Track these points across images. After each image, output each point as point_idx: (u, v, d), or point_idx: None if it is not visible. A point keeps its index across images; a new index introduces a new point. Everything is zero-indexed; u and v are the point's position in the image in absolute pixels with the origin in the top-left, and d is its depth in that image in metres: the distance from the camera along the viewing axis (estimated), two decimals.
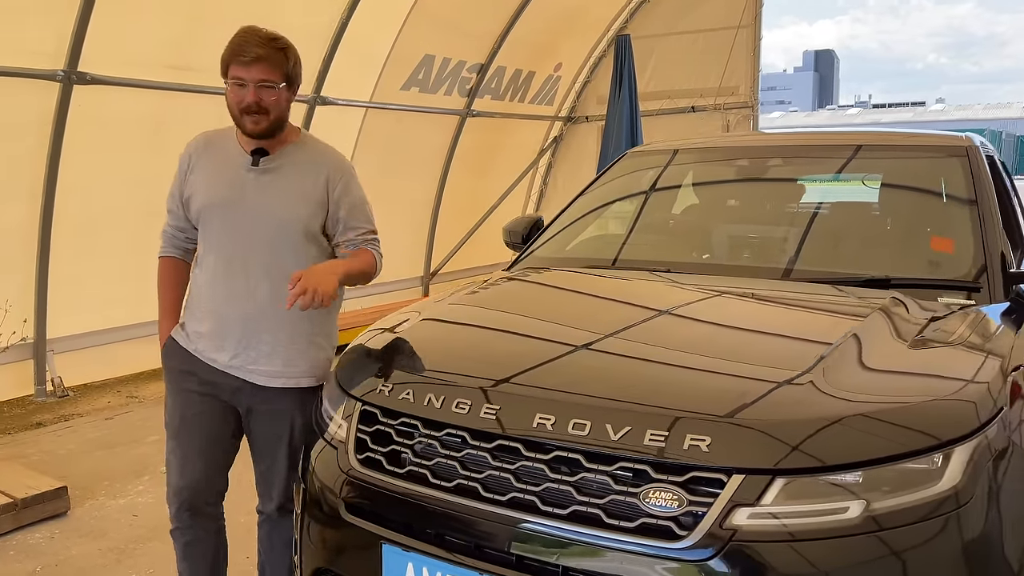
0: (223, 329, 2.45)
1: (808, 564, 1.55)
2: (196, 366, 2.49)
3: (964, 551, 1.59)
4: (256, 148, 2.43)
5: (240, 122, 2.40)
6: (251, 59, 2.32)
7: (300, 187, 2.45)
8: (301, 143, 2.53)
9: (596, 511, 1.68)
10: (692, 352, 2.07)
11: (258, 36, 2.35)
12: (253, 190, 2.43)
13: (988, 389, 1.82)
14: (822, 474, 1.61)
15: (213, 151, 2.51)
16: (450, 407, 1.92)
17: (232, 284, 2.43)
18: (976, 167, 2.82)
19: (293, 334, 2.46)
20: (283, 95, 2.40)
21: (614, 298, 2.65)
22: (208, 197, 2.46)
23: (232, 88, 2.36)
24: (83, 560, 3.42)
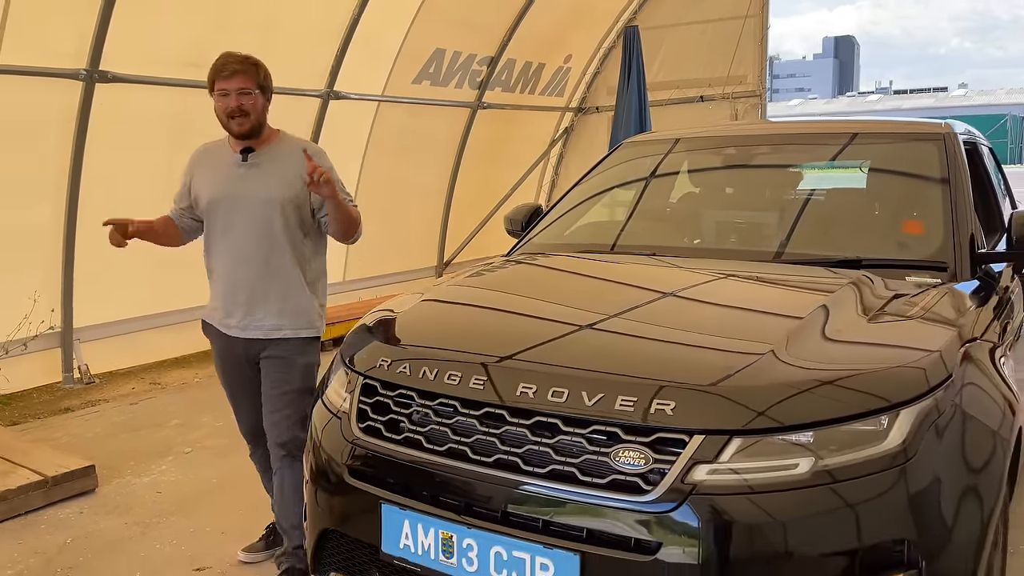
0: (233, 295, 2.98)
1: (761, 513, 1.71)
2: (222, 340, 3.07)
3: (904, 504, 1.75)
4: (244, 148, 2.97)
5: (228, 126, 2.94)
6: (230, 73, 2.87)
7: (282, 171, 2.97)
8: (280, 140, 3.06)
9: (572, 469, 1.85)
10: (667, 327, 2.24)
11: (234, 56, 2.91)
12: (247, 181, 2.96)
13: (938, 358, 1.97)
14: (775, 434, 1.77)
15: (210, 157, 3.07)
16: (443, 379, 2.10)
17: (237, 257, 2.97)
18: (951, 153, 2.95)
19: (285, 295, 2.98)
20: (259, 100, 2.93)
21: (601, 280, 2.82)
22: (211, 191, 3.00)
23: (218, 99, 2.90)
24: (110, 533, 3.64)
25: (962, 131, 3.27)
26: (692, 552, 1.71)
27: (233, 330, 3.00)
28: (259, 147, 2.99)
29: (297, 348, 3.02)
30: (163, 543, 3.53)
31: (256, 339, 2.99)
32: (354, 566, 2.22)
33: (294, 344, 3.01)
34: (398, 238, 8.55)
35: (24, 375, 5.73)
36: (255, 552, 3.35)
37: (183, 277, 6.51)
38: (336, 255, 7.84)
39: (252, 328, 2.98)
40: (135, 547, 3.50)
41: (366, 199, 7.84)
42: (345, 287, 7.80)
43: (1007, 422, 2.07)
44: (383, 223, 8.15)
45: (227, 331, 3.02)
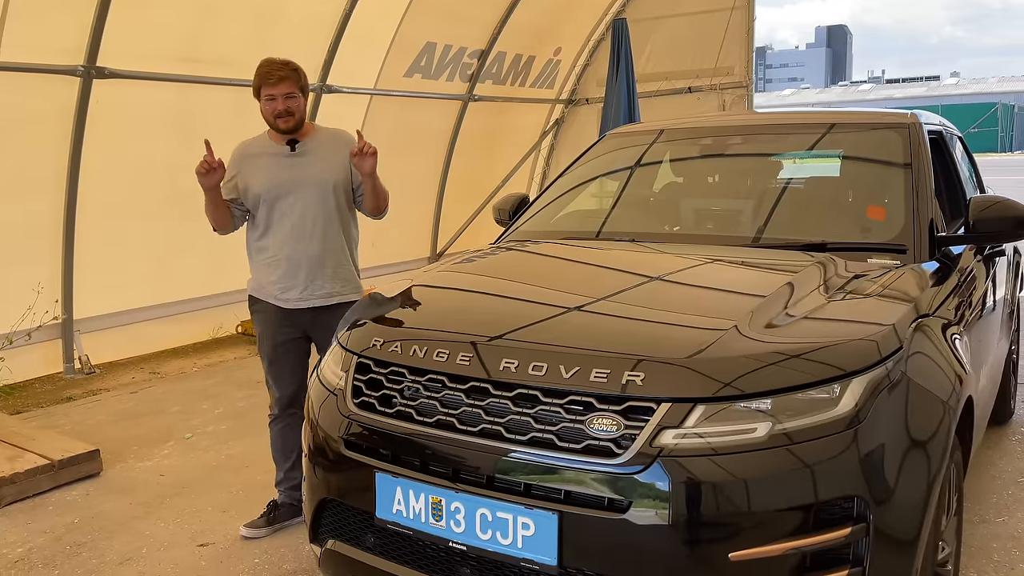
0: (294, 271, 3.38)
1: (721, 473, 1.87)
2: (278, 313, 3.43)
3: (854, 464, 1.91)
4: (290, 140, 3.38)
5: (275, 125, 3.34)
6: (277, 80, 3.28)
7: (329, 158, 3.42)
8: (317, 131, 3.50)
9: (550, 437, 2.01)
10: (642, 307, 2.41)
11: (277, 63, 3.31)
12: (299, 168, 3.38)
13: (889, 331, 2.13)
14: (735, 401, 1.93)
15: (252, 152, 3.43)
16: (432, 356, 2.25)
17: (298, 235, 3.37)
18: (915, 142, 3.11)
19: (337, 265, 3.46)
20: (301, 101, 3.37)
21: (581, 265, 2.98)
22: (265, 180, 3.36)
23: (266, 103, 3.30)
24: (116, 513, 3.79)
25: (928, 121, 3.43)
26: (659, 509, 1.87)
27: (292, 302, 3.39)
28: (301, 138, 3.40)
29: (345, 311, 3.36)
30: (167, 522, 3.69)
31: (313, 308, 3.39)
32: (350, 532, 2.37)
33: (346, 308, 3.31)
34: (391, 229, 8.65)
35: (26, 365, 5.87)
36: (257, 528, 3.50)
37: (181, 270, 6.68)
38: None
39: (312, 298, 3.39)
40: (140, 525, 3.66)
41: None
42: None
43: (954, 392, 2.23)
44: None
45: (285, 304, 3.40)
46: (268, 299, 3.43)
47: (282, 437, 3.57)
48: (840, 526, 1.89)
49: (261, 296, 3.46)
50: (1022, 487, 3.78)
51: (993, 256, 3.54)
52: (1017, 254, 4.48)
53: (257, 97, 3.31)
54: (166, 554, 3.38)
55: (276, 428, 3.57)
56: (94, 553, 3.40)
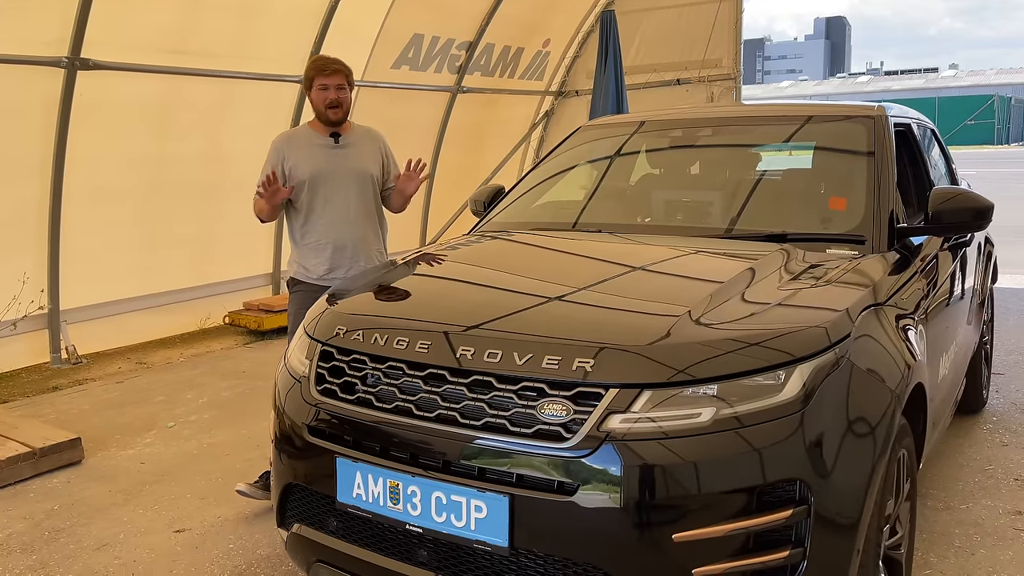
0: (341, 253, 3.68)
1: (666, 456, 1.92)
2: (317, 289, 3.54)
3: (797, 448, 1.95)
4: (333, 132, 3.69)
5: (324, 114, 3.66)
6: (331, 72, 3.65)
7: (368, 152, 3.80)
8: (355, 126, 3.85)
9: (503, 421, 2.06)
10: (600, 295, 2.46)
11: (331, 59, 3.72)
12: (342, 158, 3.69)
13: (836, 319, 2.17)
14: (681, 387, 1.98)
15: (298, 141, 3.70)
16: (392, 344, 2.30)
17: (343, 219, 3.68)
18: (879, 135, 3.15)
19: (378, 246, 3.83)
20: (349, 95, 3.74)
21: (546, 254, 3.03)
22: (313, 168, 3.63)
23: (319, 91, 3.63)
24: (95, 500, 3.84)
25: (896, 114, 3.47)
26: (606, 492, 1.92)
27: (338, 281, 3.55)
28: (343, 131, 3.73)
29: None
30: (145, 508, 3.74)
31: None
32: (314, 516, 2.42)
33: None
34: None
35: (13, 355, 5.92)
36: (255, 487, 3.58)
37: (168, 260, 6.73)
38: None
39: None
40: (119, 512, 3.71)
41: None
42: None
43: (902, 379, 2.28)
44: None
45: (331, 283, 3.58)
46: (310, 280, 3.67)
47: None
48: (782, 508, 1.94)
49: (303, 278, 3.69)
50: (988, 475, 3.84)
51: (960, 247, 3.59)
52: (988, 244, 4.53)
53: (308, 88, 3.66)
54: (142, 540, 3.43)
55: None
56: (72, 539, 3.45)
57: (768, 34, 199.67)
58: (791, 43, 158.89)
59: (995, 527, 3.33)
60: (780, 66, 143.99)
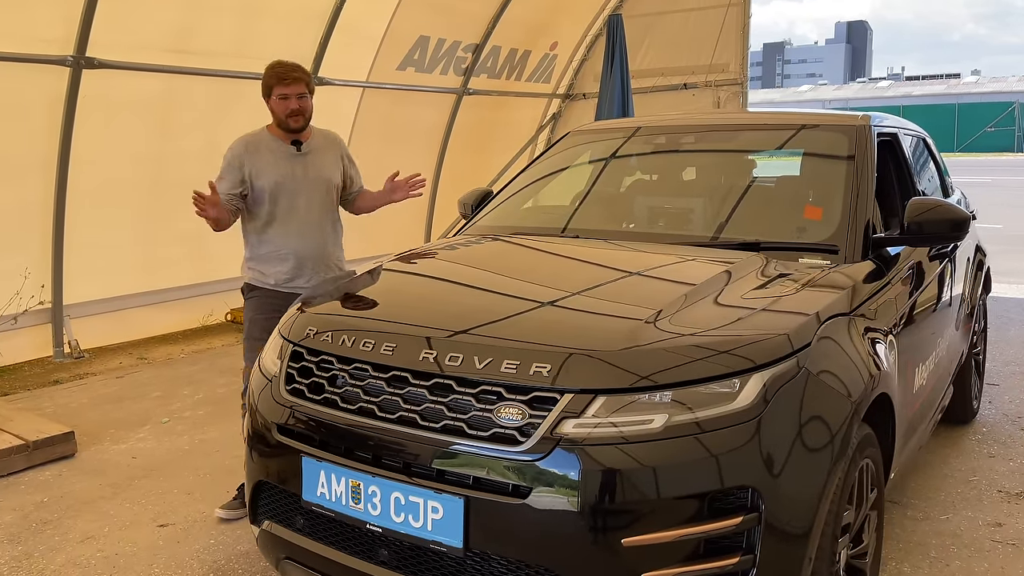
0: (303, 262, 3.62)
1: (619, 461, 1.93)
2: (277, 295, 3.58)
3: (750, 456, 1.97)
4: (294, 140, 3.60)
5: (285, 123, 3.55)
6: (292, 80, 3.50)
7: (330, 159, 3.72)
8: (315, 131, 3.73)
9: (461, 424, 2.09)
10: (567, 300, 2.48)
11: (290, 65, 3.55)
12: (305, 167, 3.62)
13: (796, 328, 2.19)
14: (635, 393, 2.00)
15: (258, 147, 3.58)
16: (358, 346, 2.33)
17: (305, 227, 3.62)
18: (860, 144, 3.15)
19: (335, 256, 3.76)
20: (310, 102, 3.61)
21: (520, 259, 3.06)
22: (275, 175, 3.55)
23: (278, 101, 3.51)
24: (85, 493, 3.90)
25: (881, 124, 3.47)
26: (558, 495, 1.95)
27: (299, 289, 3.55)
28: (304, 138, 3.63)
29: None
30: (132, 503, 3.79)
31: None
32: (282, 514, 2.46)
33: None
34: (384, 222, 8.73)
35: (16, 349, 6.00)
36: (233, 510, 3.58)
37: (171, 257, 6.80)
38: None
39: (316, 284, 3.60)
40: (106, 506, 3.76)
41: None
42: None
43: (863, 390, 2.28)
44: None
45: (292, 290, 3.55)
46: (267, 285, 3.61)
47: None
48: (732, 515, 1.95)
49: (260, 284, 3.63)
50: (972, 486, 3.83)
51: (942, 256, 3.58)
52: (980, 253, 4.52)
53: (267, 97, 3.53)
54: (126, 533, 3.48)
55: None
56: (58, 531, 3.51)
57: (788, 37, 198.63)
58: (812, 47, 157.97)
59: (973, 538, 3.32)
60: (800, 70, 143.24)
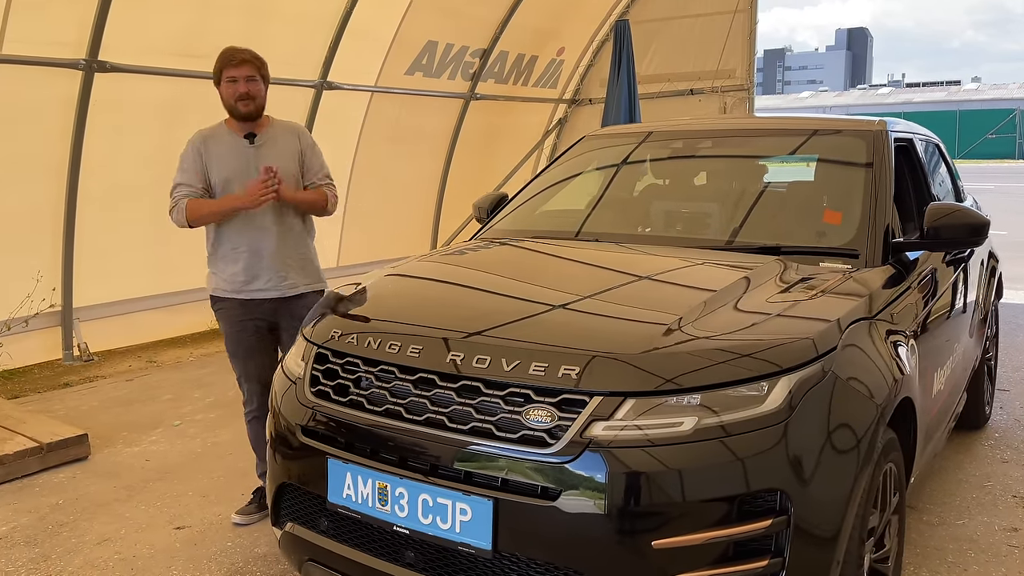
0: (257, 262, 3.45)
1: (647, 464, 1.94)
2: (242, 308, 3.49)
3: (778, 459, 1.98)
4: (248, 132, 3.46)
5: (234, 108, 3.41)
6: (239, 62, 3.38)
7: (286, 149, 3.52)
8: (272, 123, 3.57)
9: (489, 426, 2.09)
10: (590, 303, 2.49)
11: (239, 49, 3.42)
12: (257, 159, 3.43)
13: (822, 332, 2.20)
14: (664, 396, 2.01)
15: (214, 141, 3.47)
16: (384, 348, 2.34)
17: (258, 227, 3.43)
18: (878, 149, 3.16)
19: (298, 255, 3.55)
20: (262, 87, 3.46)
21: (542, 262, 3.07)
22: (228, 170, 3.41)
23: (227, 85, 3.39)
24: (99, 496, 3.90)
25: (897, 129, 3.48)
26: (587, 497, 1.95)
27: (258, 293, 3.46)
28: (259, 130, 3.48)
29: (314, 302, 3.38)
30: (148, 505, 3.80)
31: (282, 298, 3.49)
32: (306, 516, 2.46)
33: (312, 298, 3.51)
34: (391, 225, 8.80)
35: (26, 352, 6.01)
36: (249, 515, 3.58)
37: (181, 260, 6.80)
38: (331, 241, 8.12)
39: (276, 288, 3.48)
40: (122, 508, 3.77)
41: (359, 187, 8.12)
42: (339, 272, 8.05)
43: (888, 394, 2.29)
44: (376, 211, 8.40)
45: (252, 295, 3.46)
46: (231, 295, 3.48)
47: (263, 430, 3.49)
48: (761, 518, 1.96)
49: (223, 294, 3.50)
50: (987, 491, 3.83)
51: (959, 262, 3.59)
52: (993, 259, 4.52)
53: (218, 84, 3.40)
54: (143, 536, 3.48)
55: (256, 424, 3.58)
56: (74, 533, 3.52)
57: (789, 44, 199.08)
58: (812, 54, 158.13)
59: (990, 543, 3.33)
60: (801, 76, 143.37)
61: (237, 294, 3.48)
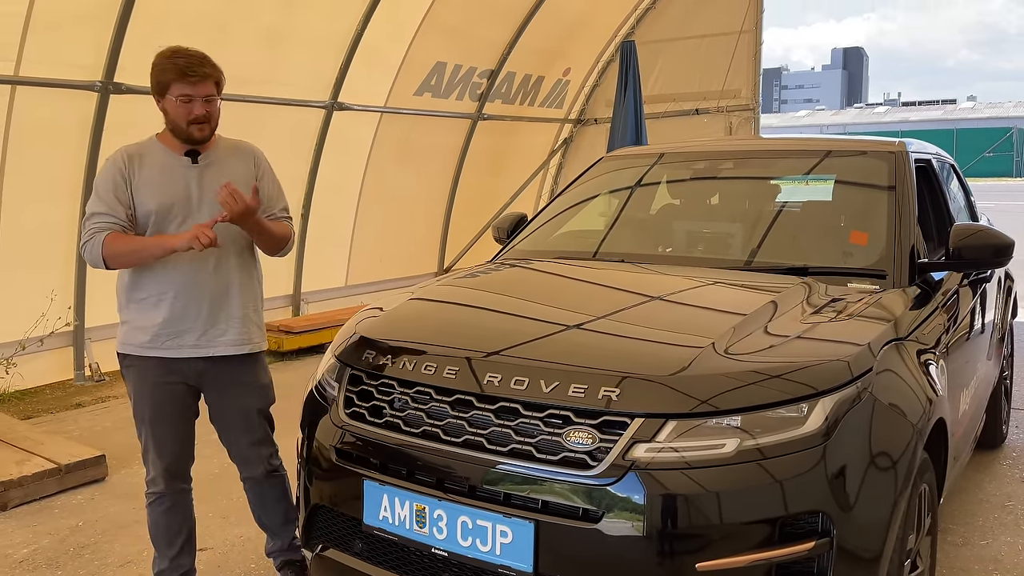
0: (191, 311, 2.75)
1: (690, 486, 1.95)
2: (155, 363, 2.78)
3: (819, 481, 1.98)
4: (190, 150, 2.79)
5: (186, 132, 2.73)
6: (199, 78, 2.69)
7: (236, 172, 2.82)
8: (221, 140, 2.90)
9: (529, 448, 2.10)
10: (625, 324, 2.50)
11: (199, 57, 2.72)
12: (201, 183, 2.77)
13: (858, 354, 2.21)
14: (705, 418, 2.02)
15: (146, 160, 2.78)
16: (420, 369, 2.35)
17: (198, 267, 2.75)
18: (900, 170, 3.19)
19: (244, 304, 2.86)
20: (218, 106, 2.79)
21: (570, 283, 3.08)
22: (163, 196, 2.73)
23: (180, 104, 2.69)
24: (119, 517, 3.89)
25: (916, 150, 3.51)
26: (630, 520, 1.95)
27: (185, 349, 2.76)
28: (204, 148, 2.81)
29: (254, 363, 2.93)
30: None
31: (213, 357, 2.81)
32: (340, 538, 2.46)
33: (251, 360, 2.90)
34: (399, 245, 8.82)
35: (38, 372, 6.01)
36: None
37: None
38: (339, 260, 8.15)
39: (214, 345, 2.79)
40: (142, 529, 3.71)
41: (368, 206, 8.15)
42: (347, 291, 8.07)
43: (923, 414, 2.30)
44: (384, 230, 8.43)
45: (175, 352, 2.75)
46: (144, 352, 2.76)
47: (167, 519, 2.94)
48: (804, 540, 1.96)
49: (134, 351, 2.78)
50: (1008, 511, 3.83)
51: (980, 282, 3.61)
52: (1008, 279, 4.54)
53: (161, 94, 2.72)
54: None
55: (159, 509, 2.94)
56: (96, 555, 3.50)
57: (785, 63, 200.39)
58: (808, 73, 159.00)
59: (1015, 563, 3.32)
60: (797, 95, 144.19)
61: (153, 351, 2.76)
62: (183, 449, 2.94)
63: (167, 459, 2.91)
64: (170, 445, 2.90)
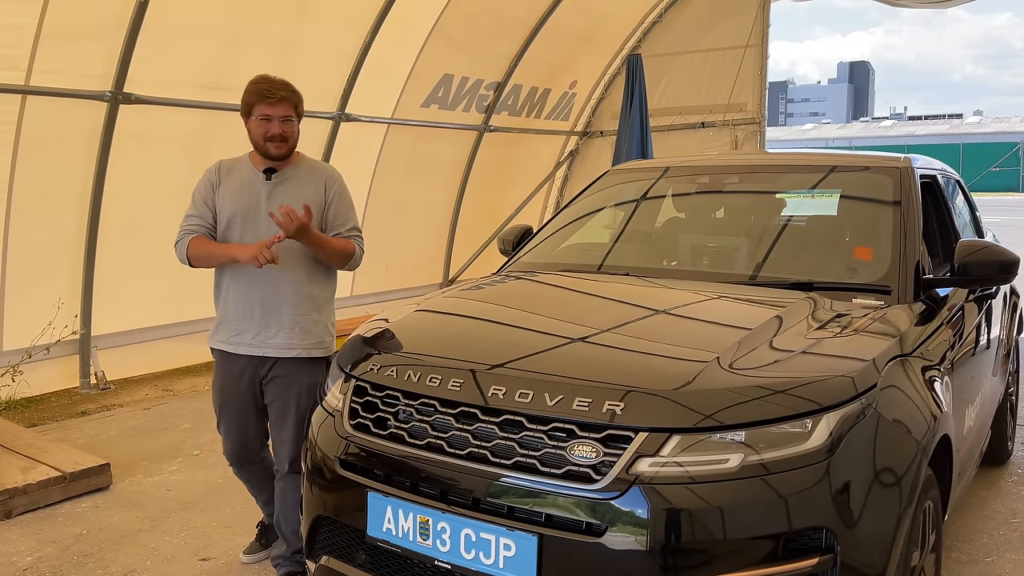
0: (248, 312, 3.08)
1: (693, 500, 1.95)
2: (225, 357, 3.17)
3: (823, 496, 1.99)
4: (268, 167, 3.11)
5: (264, 148, 3.07)
6: (277, 100, 3.01)
7: (305, 192, 3.12)
8: (299, 161, 3.22)
9: (533, 461, 2.10)
10: (629, 338, 2.51)
11: (278, 82, 3.06)
12: (269, 198, 3.09)
13: (862, 369, 2.21)
14: (710, 432, 2.02)
15: (232, 174, 3.16)
16: (425, 381, 2.36)
17: (253, 273, 3.04)
18: (905, 186, 3.20)
19: (299, 313, 3.12)
20: (296, 127, 3.13)
21: (574, 296, 3.09)
22: (234, 206, 3.10)
23: (259, 122, 3.03)
24: (123, 526, 3.89)
25: (922, 166, 3.52)
26: (634, 534, 1.96)
27: (243, 347, 3.09)
28: (282, 167, 3.12)
29: (304, 367, 3.13)
30: (172, 536, 3.79)
31: (265, 357, 3.10)
32: (343, 549, 2.47)
33: (303, 363, 3.13)
34: (405, 255, 8.84)
35: (43, 380, 6.02)
36: (255, 553, 3.55)
37: (197, 289, 6.83)
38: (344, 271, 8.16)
39: (265, 347, 3.08)
40: (146, 539, 3.76)
41: (374, 217, 8.17)
42: (353, 301, 8.07)
43: (928, 430, 2.30)
44: (390, 241, 8.45)
45: (235, 349, 3.10)
46: (218, 346, 3.16)
47: (251, 484, 3.45)
48: (808, 556, 1.96)
49: (214, 345, 3.18)
50: (1014, 528, 3.81)
51: (985, 298, 3.61)
52: (1014, 295, 4.54)
53: (247, 116, 3.04)
54: (168, 567, 3.47)
55: (240, 477, 3.44)
56: (99, 564, 3.51)
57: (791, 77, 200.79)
58: (814, 86, 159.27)
59: None
60: (803, 109, 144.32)
61: (223, 345, 3.14)
62: (245, 437, 3.25)
63: (229, 444, 3.28)
64: (233, 432, 3.24)
